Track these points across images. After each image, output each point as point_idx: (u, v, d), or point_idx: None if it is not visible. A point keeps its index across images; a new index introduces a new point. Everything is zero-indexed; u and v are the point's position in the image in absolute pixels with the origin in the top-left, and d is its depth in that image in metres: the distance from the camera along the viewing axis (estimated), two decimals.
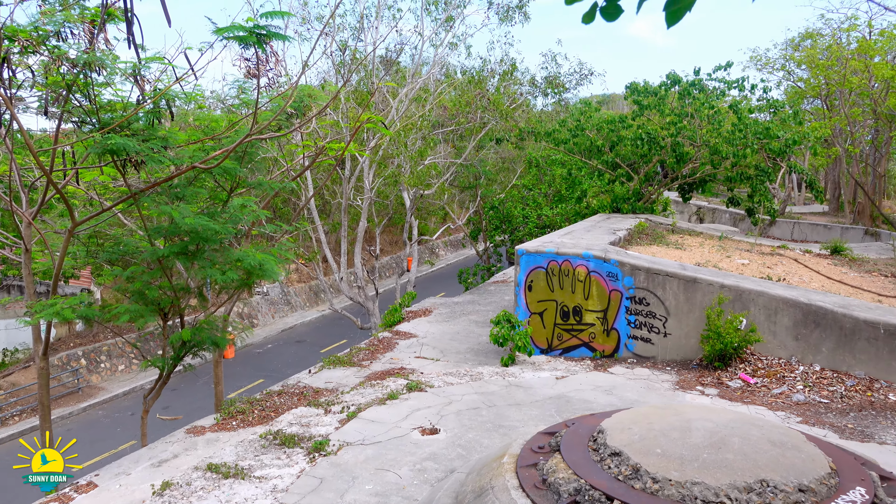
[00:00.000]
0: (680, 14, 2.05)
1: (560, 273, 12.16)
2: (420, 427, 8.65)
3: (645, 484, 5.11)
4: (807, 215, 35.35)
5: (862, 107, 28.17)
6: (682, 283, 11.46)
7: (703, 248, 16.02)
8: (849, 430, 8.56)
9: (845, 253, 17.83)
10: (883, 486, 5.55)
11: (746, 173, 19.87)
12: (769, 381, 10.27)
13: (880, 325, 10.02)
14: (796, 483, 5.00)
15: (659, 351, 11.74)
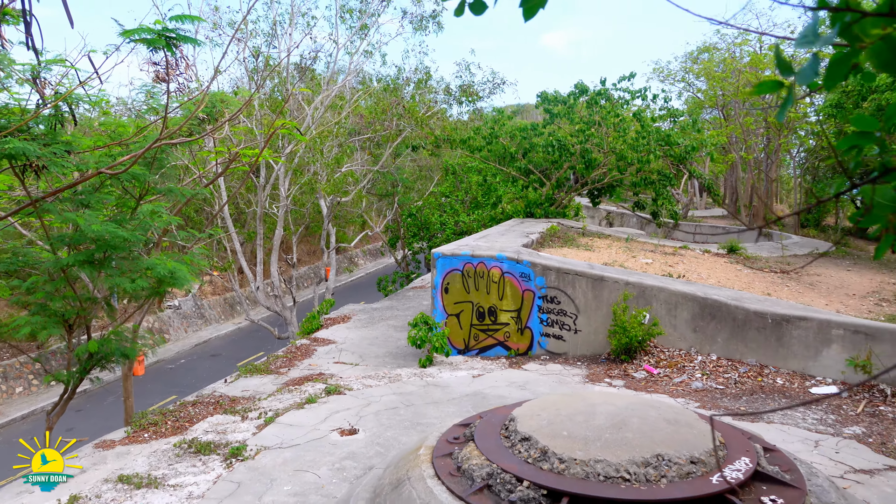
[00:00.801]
0: (534, 10, 2.35)
1: (475, 275, 12.49)
2: (339, 428, 8.71)
3: (552, 464, 5.41)
4: (708, 219, 37.40)
5: (754, 116, 30.18)
6: (591, 282, 12.01)
7: (610, 250, 16.77)
8: (741, 411, 9.22)
9: (740, 252, 19.06)
10: (766, 456, 6.07)
11: (650, 178, 20.93)
12: (671, 371, 10.91)
13: (768, 316, 10.84)
14: (688, 456, 5.42)
15: (570, 347, 12.24)
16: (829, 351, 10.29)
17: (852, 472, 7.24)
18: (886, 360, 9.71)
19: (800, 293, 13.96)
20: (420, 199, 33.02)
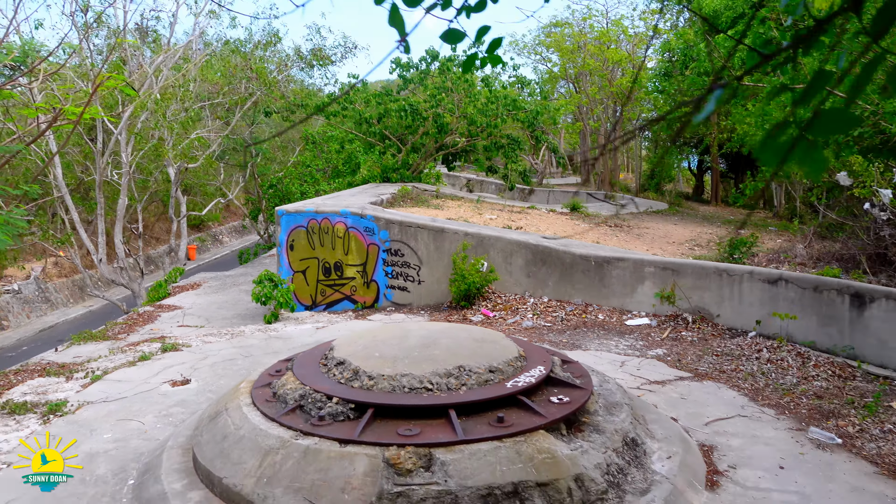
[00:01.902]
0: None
1: (320, 231, 12.56)
2: (171, 380, 8.58)
3: (363, 382, 5.70)
4: (562, 185, 39.38)
5: (600, 86, 32.04)
6: (433, 234, 12.44)
7: (460, 209, 17.36)
8: (563, 343, 10.02)
9: (581, 210, 20.35)
10: (564, 367, 6.71)
11: (500, 143, 21.76)
12: (506, 314, 11.59)
13: (591, 259, 11.75)
14: (487, 366, 5.90)
15: (415, 298, 12.66)
16: (643, 287, 11.34)
17: (648, 384, 8.13)
18: (689, 291, 10.86)
19: (626, 241, 15.19)
20: (282, 170, 32.35)
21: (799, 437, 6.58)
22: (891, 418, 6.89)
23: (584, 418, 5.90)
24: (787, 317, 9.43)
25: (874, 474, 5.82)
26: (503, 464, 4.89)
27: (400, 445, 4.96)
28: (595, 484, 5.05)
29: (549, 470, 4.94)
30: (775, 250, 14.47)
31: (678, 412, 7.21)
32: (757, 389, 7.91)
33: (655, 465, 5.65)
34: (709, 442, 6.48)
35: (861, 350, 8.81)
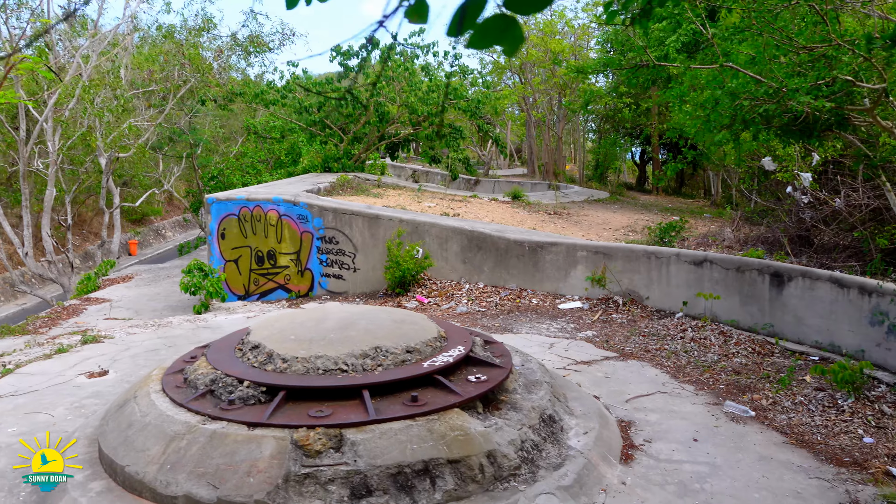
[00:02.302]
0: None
1: (252, 219, 12.30)
2: (88, 372, 8.27)
3: (276, 365, 5.57)
4: (508, 176, 39.60)
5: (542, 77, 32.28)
6: (367, 221, 12.31)
7: (400, 197, 17.24)
8: (496, 327, 10.04)
9: (522, 199, 20.47)
10: (485, 347, 6.70)
11: (442, 132, 21.70)
12: (441, 300, 11.56)
13: (526, 244, 11.81)
14: (405, 346, 5.84)
15: (350, 285, 12.52)
16: (576, 271, 11.46)
17: (574, 364, 8.21)
18: (619, 274, 11.01)
19: (564, 228, 15.35)
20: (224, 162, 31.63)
21: (715, 410, 6.73)
22: (802, 391, 7.11)
23: (503, 396, 5.90)
24: (711, 297, 9.65)
25: (783, 444, 5.98)
26: (414, 442, 4.84)
27: (310, 427, 4.86)
28: (508, 460, 5.05)
29: (462, 447, 4.92)
30: (705, 234, 14.82)
31: (601, 390, 7.30)
32: (679, 367, 8.06)
33: (571, 441, 5.69)
34: (628, 418, 6.57)
35: (780, 327, 9.08)
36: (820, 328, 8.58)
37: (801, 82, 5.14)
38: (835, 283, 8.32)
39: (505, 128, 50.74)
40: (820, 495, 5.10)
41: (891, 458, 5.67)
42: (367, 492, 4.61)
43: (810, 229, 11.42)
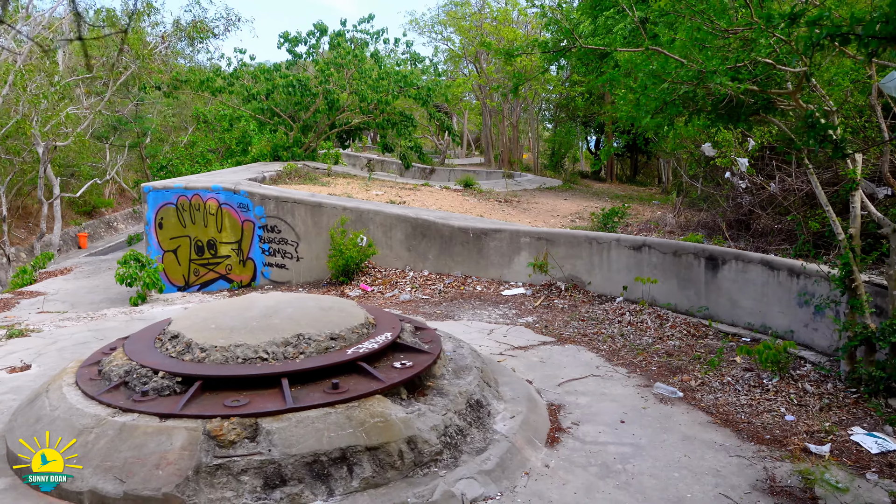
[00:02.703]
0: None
1: (191, 208, 11.99)
2: (10, 367, 7.95)
3: (194, 355, 5.42)
4: (465, 165, 39.56)
5: (497, 65, 32.23)
6: (310, 209, 12.12)
7: (348, 186, 17.05)
8: (438, 314, 9.99)
9: (474, 187, 20.44)
10: (416, 333, 6.64)
11: (392, 119, 21.50)
12: (384, 288, 11.46)
13: (470, 231, 11.77)
14: (329, 333, 5.73)
15: (294, 275, 12.32)
16: (520, 258, 11.46)
17: (511, 349, 8.20)
18: (562, 260, 11.05)
19: (512, 215, 15.36)
20: (173, 151, 30.93)
21: (644, 392, 6.79)
22: (731, 371, 7.22)
23: (430, 382, 5.84)
24: (649, 281, 9.75)
25: (707, 423, 6.06)
26: (332, 430, 4.75)
27: (224, 417, 4.73)
28: (429, 445, 4.99)
29: (381, 434, 4.84)
30: (649, 220, 15.00)
31: (535, 374, 7.30)
32: (614, 350, 8.12)
33: (498, 426, 5.67)
34: (558, 401, 6.58)
35: (715, 310, 9.22)
36: (752, 310, 8.73)
37: (719, 64, 5.16)
38: (765, 265, 8.47)
39: (462, 117, 50.68)
40: (738, 473, 5.18)
41: (810, 434, 5.79)
42: (280, 481, 4.51)
43: (748, 214, 11.63)
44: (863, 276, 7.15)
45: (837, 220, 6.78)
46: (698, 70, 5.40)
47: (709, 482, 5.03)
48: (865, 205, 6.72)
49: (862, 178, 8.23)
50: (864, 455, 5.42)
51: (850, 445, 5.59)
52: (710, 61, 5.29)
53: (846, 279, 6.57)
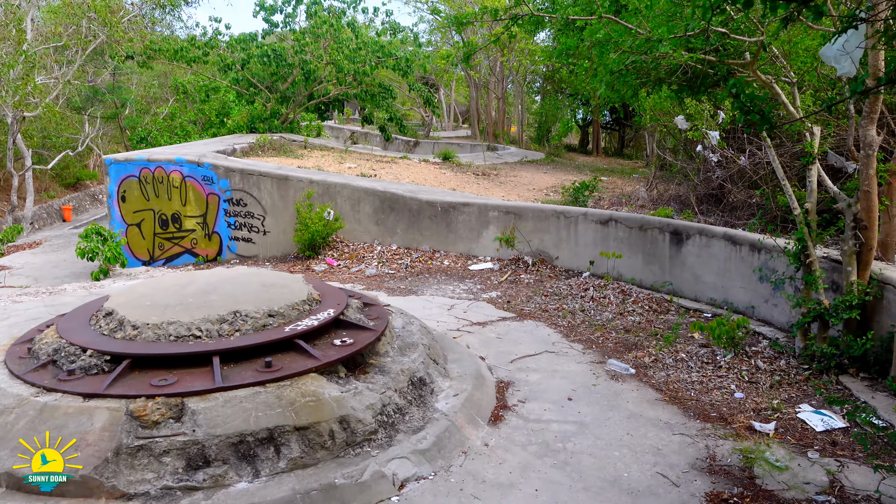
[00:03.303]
0: None
1: (154, 181, 11.75)
2: None
3: (126, 332, 5.27)
4: (451, 138, 39.18)
5: (483, 36, 31.72)
6: (276, 182, 11.90)
7: (323, 159, 16.79)
8: (401, 290, 9.86)
9: (453, 160, 20.22)
10: (365, 309, 6.50)
11: (371, 91, 21.15)
12: (351, 262, 11.31)
13: (438, 205, 11.59)
14: (267, 310, 5.59)
15: (261, 249, 12.15)
16: (488, 232, 11.32)
17: (470, 325, 8.09)
18: (529, 234, 10.91)
19: (487, 188, 15.19)
20: (151, 122, 30.43)
21: (597, 369, 6.70)
22: (686, 347, 7.15)
23: (372, 360, 5.73)
24: (613, 255, 9.64)
25: (655, 401, 5.98)
26: (260, 409, 4.63)
27: (149, 397, 4.60)
28: (363, 425, 4.89)
29: (312, 413, 4.73)
30: (622, 194, 14.85)
31: (489, 351, 7.20)
32: (573, 326, 8.03)
33: (440, 404, 5.57)
34: (509, 378, 6.49)
35: (679, 285, 9.13)
36: (715, 285, 8.65)
37: (665, 33, 4.97)
38: (728, 240, 8.36)
39: (449, 89, 50.09)
40: (679, 451, 5.11)
41: (757, 412, 5.73)
42: (204, 462, 4.40)
43: (720, 188, 11.49)
44: (820, 252, 7.06)
45: (794, 194, 6.65)
46: (646, 38, 5.21)
47: (648, 461, 4.96)
48: (823, 179, 6.59)
49: (831, 151, 8.10)
50: (809, 433, 5.37)
51: (796, 423, 5.53)
52: (657, 30, 5.10)
53: (801, 255, 6.47)
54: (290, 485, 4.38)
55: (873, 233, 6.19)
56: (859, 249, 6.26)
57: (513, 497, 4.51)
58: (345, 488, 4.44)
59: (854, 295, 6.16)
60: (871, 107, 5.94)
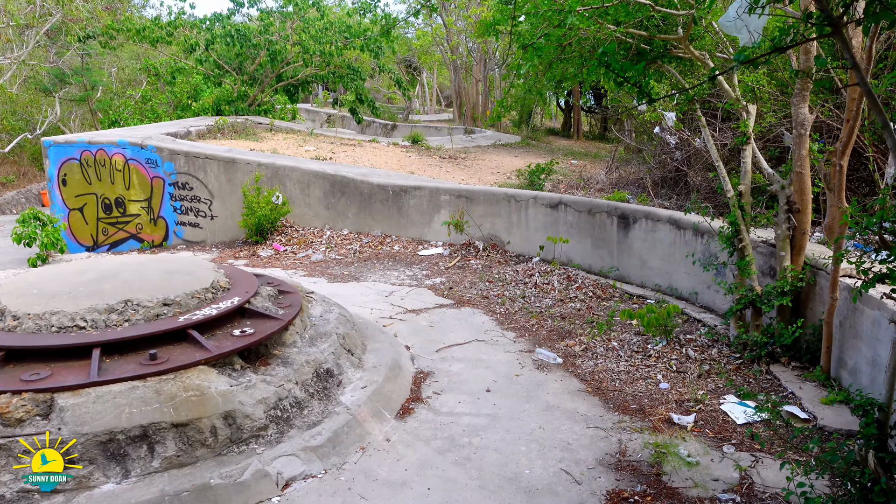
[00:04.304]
0: None
1: (96, 163, 11.37)
2: None
3: (5, 323, 4.95)
4: (432, 121, 38.72)
5: (457, 18, 31.23)
6: (223, 165, 11.55)
7: (284, 141, 16.39)
8: (343, 276, 9.56)
9: (422, 143, 19.85)
10: (279, 297, 6.21)
11: (340, 73, 20.71)
12: (299, 248, 11.00)
13: (389, 188, 11.27)
14: (162, 299, 5.28)
15: (209, 234, 11.81)
16: (440, 216, 11.02)
17: (404, 313, 7.82)
18: (481, 218, 10.62)
19: (448, 172, 14.84)
20: (121, 104, 29.85)
21: (524, 358, 6.45)
22: (621, 335, 6.90)
23: (276, 350, 5.45)
24: (560, 240, 9.37)
25: (577, 392, 5.74)
26: (135, 405, 4.35)
27: (15, 392, 4.30)
28: (251, 420, 4.62)
29: (193, 409, 4.45)
30: (580, 178, 14.56)
31: (417, 339, 6.93)
32: (509, 314, 7.76)
33: (345, 396, 5.30)
34: (430, 368, 6.22)
35: (626, 270, 8.88)
36: (661, 271, 8.40)
37: (574, 3, 4.65)
38: (673, 224, 8.10)
39: (432, 72, 49.57)
40: (590, 446, 4.87)
41: (679, 403, 5.49)
42: (68, 462, 4.11)
43: (677, 171, 11.21)
44: (758, 236, 6.81)
45: (728, 176, 6.38)
46: (558, 10, 4.90)
47: (554, 457, 4.72)
48: (758, 161, 6.32)
49: (787, 132, 7.82)
50: (730, 426, 5.14)
51: (717, 415, 5.30)
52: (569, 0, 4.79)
53: (734, 239, 6.21)
54: (160, 486, 4.11)
55: (806, 216, 5.94)
56: (792, 234, 6.00)
57: (402, 497, 4.26)
58: (220, 489, 4.17)
59: (786, 281, 5.91)
60: (803, 84, 5.66)
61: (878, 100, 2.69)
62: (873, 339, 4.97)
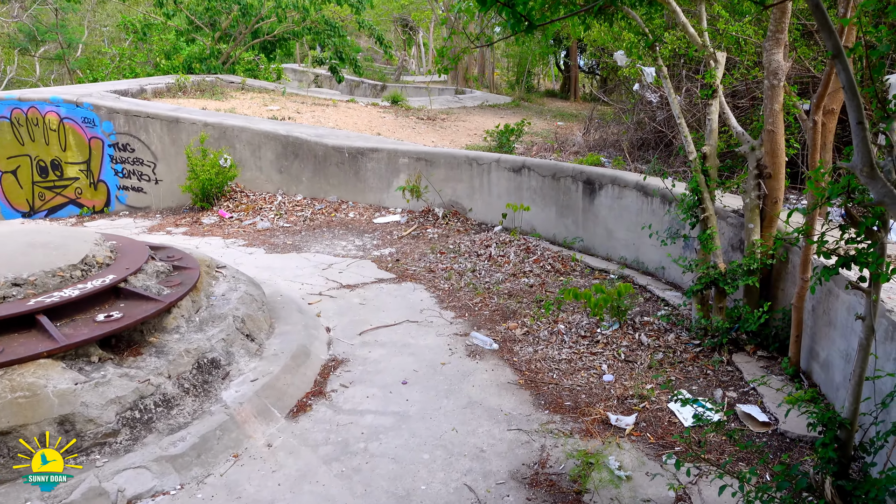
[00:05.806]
0: None
1: (28, 122, 10.52)
2: None
3: None
4: (425, 82, 37.49)
5: None
6: (166, 125, 10.68)
7: (251, 101, 15.47)
8: (286, 245, 8.78)
9: (401, 103, 18.87)
10: (172, 273, 5.43)
11: (316, 28, 19.63)
12: (245, 215, 10.19)
13: (345, 150, 10.41)
14: (13, 279, 4.50)
15: (153, 199, 11.01)
16: (398, 180, 10.18)
17: (337, 288, 7.05)
18: (440, 182, 9.78)
19: (420, 133, 13.93)
20: (99, 63, 28.80)
21: (456, 343, 5.68)
22: (570, 317, 6.12)
23: (153, 338, 4.69)
24: (521, 208, 8.54)
25: (507, 384, 4.98)
26: None
27: None
28: (95, 425, 3.88)
29: (18, 413, 3.71)
30: (554, 140, 13.62)
31: (342, 320, 6.17)
32: (453, 291, 6.98)
33: (228, 392, 4.55)
34: (347, 355, 5.47)
35: (591, 241, 8.06)
36: (627, 242, 7.58)
37: None
38: (640, 190, 7.26)
39: (428, 31, 48.05)
40: (506, 453, 4.12)
41: (621, 400, 4.73)
42: None
43: (657, 131, 10.29)
44: (727, 206, 5.97)
45: (691, 136, 5.50)
46: None
47: (461, 468, 3.98)
48: (727, 117, 5.44)
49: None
50: (676, 429, 4.39)
51: (663, 415, 4.55)
52: None
53: (696, 208, 5.37)
54: None
55: (779, 182, 5.09)
56: (763, 203, 5.16)
57: None
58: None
59: (754, 258, 5.09)
60: (777, 24, 4.75)
61: (826, 15, 1.84)
62: (848, 329, 4.18)
